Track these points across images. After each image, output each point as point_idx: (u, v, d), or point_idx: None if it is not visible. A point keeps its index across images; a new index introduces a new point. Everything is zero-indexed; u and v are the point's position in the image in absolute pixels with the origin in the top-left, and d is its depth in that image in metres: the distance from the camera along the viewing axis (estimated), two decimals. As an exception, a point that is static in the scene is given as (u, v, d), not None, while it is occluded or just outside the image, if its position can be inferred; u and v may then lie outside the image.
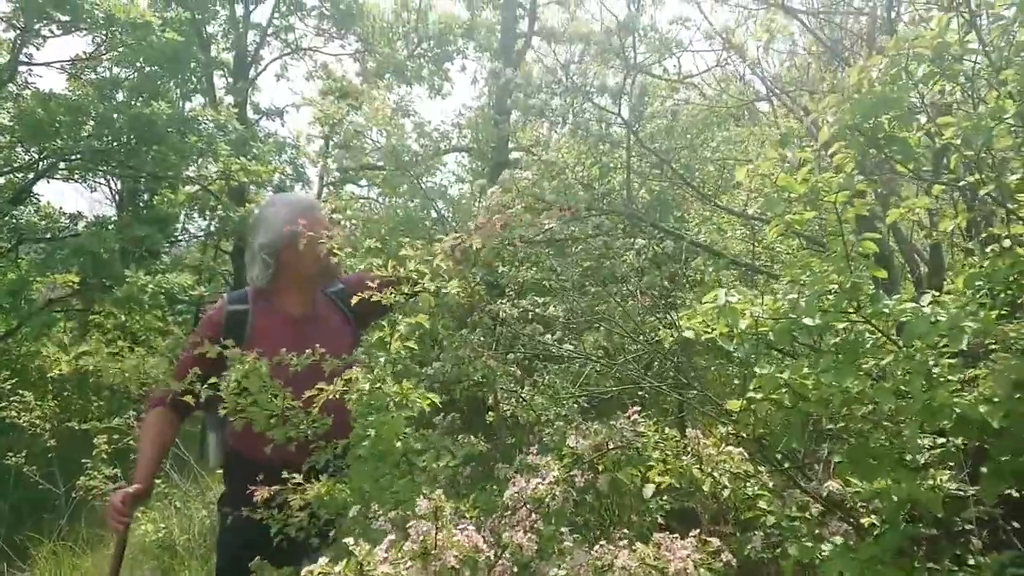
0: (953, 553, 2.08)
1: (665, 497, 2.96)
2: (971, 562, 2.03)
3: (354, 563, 1.27)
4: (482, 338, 2.61)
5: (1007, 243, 2.33)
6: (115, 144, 10.25)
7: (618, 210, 4.03)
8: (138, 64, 10.77)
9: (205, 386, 1.91)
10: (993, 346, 2.03)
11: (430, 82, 15.98)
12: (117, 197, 16.95)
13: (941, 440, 2.15)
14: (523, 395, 2.56)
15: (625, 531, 2.17)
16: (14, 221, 10.47)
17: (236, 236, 13.78)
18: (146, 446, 2.34)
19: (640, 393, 3.60)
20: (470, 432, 2.62)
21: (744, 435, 2.10)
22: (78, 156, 10.97)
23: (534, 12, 7.42)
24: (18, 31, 8.97)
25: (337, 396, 1.88)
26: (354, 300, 1.95)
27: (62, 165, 11.39)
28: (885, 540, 2.05)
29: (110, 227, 11.01)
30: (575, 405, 2.41)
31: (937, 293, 2.27)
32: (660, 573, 1.67)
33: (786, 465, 2.20)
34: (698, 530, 1.64)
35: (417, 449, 1.92)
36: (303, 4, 14.95)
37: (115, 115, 9.98)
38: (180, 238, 15.19)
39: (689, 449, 1.82)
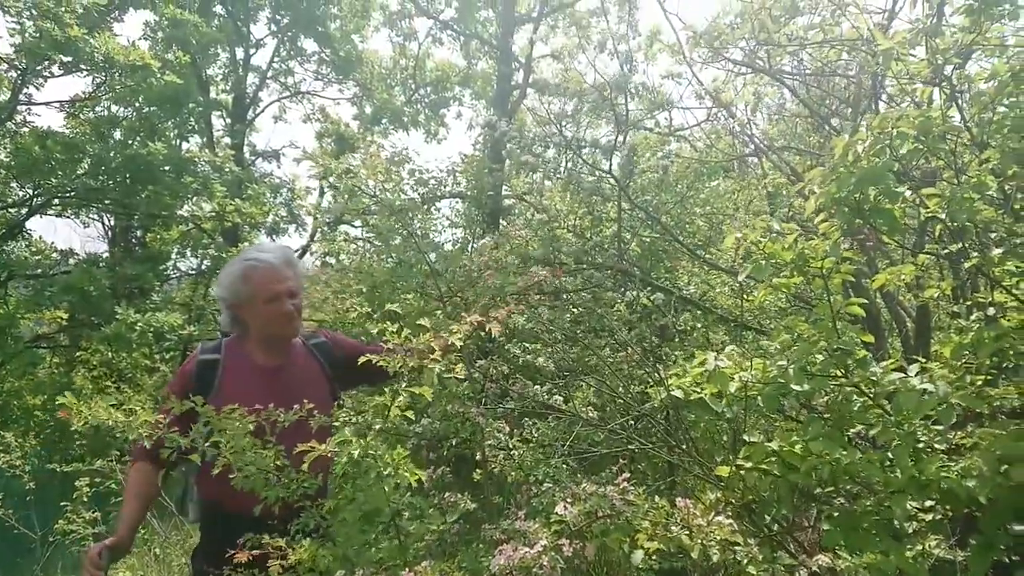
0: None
1: (655, 557, 2.93)
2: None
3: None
4: (469, 393, 2.61)
5: (991, 311, 2.37)
6: (110, 183, 10.30)
7: (608, 263, 4.07)
8: (137, 104, 10.89)
9: (181, 434, 1.88)
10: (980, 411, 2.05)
11: (427, 127, 16.22)
12: (110, 233, 16.95)
13: (929, 505, 2.15)
14: (511, 451, 2.54)
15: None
16: (4, 257, 10.43)
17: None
18: (129, 500, 2.28)
19: (631, 448, 3.58)
20: (457, 488, 2.60)
21: (733, 501, 2.09)
22: (72, 193, 11.01)
23: (529, 65, 7.57)
24: (19, 71, 9.08)
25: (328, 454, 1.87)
26: (361, 360, 1.94)
27: (56, 201, 11.42)
28: (876, 612, 2.03)
29: (101, 264, 10.98)
30: (564, 466, 2.39)
31: (924, 360, 2.30)
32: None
33: (775, 530, 2.19)
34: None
35: (404, 513, 1.90)
36: (303, 50, 15.23)
37: (111, 154, 10.05)
38: (171, 276, 15.14)
39: (679, 519, 1.80)
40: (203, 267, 14.64)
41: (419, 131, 16.39)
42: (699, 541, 1.95)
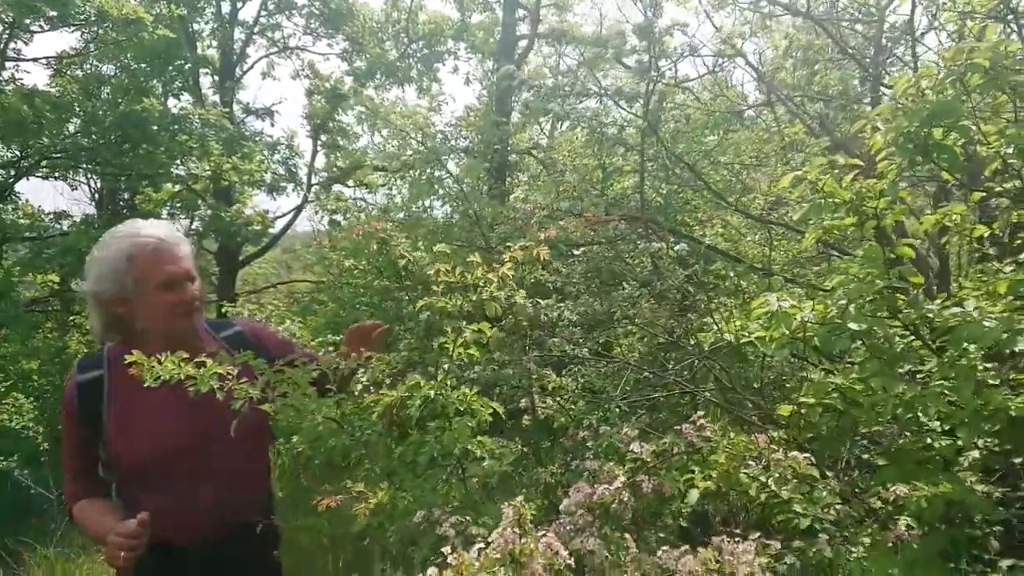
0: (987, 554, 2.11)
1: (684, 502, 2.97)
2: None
3: (453, 572, 1.25)
4: (518, 343, 2.60)
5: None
6: (102, 142, 10.06)
7: (635, 215, 4.04)
8: (125, 60, 10.59)
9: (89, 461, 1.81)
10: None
11: (419, 83, 15.92)
12: (97, 196, 16.66)
13: (984, 443, 2.18)
14: (561, 399, 2.55)
15: (659, 535, 2.18)
16: (-2, 219, 10.26)
17: (223, 235, 13.60)
18: (96, 519, 1.85)
19: (687, 392, 3.55)
20: (507, 435, 2.61)
21: (795, 439, 2.11)
22: (62, 154, 10.77)
23: (537, 14, 7.40)
24: (5, 25, 8.78)
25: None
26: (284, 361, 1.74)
27: (45, 163, 11.18)
28: (929, 542, 2.07)
29: (97, 226, 10.82)
30: (617, 409, 2.41)
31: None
32: (725, 578, 1.68)
33: (835, 470, 2.22)
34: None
35: (476, 456, 1.91)
36: (292, 2, 14.80)
37: (102, 112, 9.80)
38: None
39: (756, 454, 1.82)
40: (196, 228, 14.47)
41: (412, 87, 16.11)
42: (767, 478, 1.97)
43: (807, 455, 1.81)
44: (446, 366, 1.79)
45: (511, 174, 7.69)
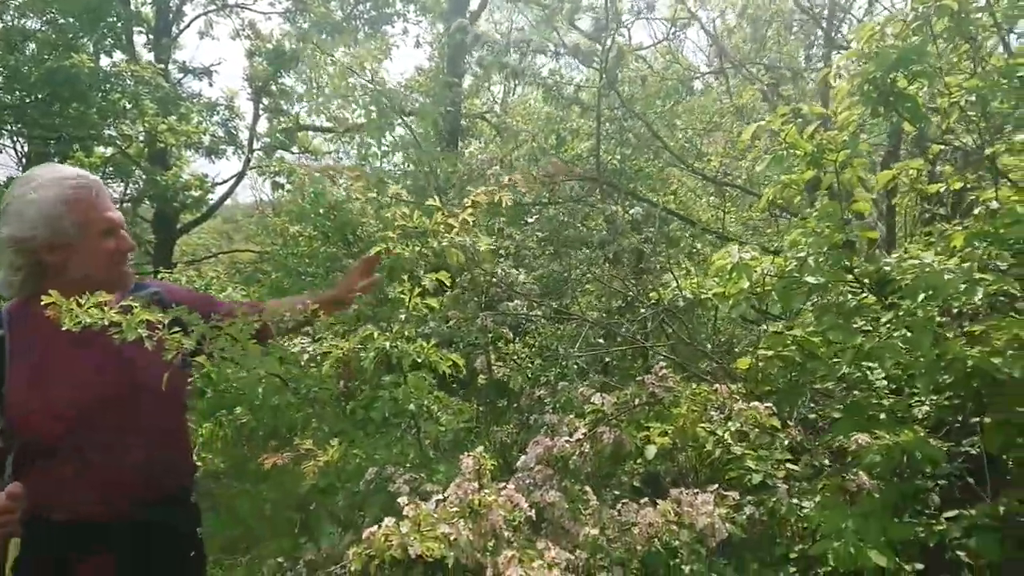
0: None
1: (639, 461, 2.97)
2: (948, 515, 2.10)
3: (410, 523, 1.17)
4: (475, 298, 2.52)
5: (994, 205, 2.40)
6: (28, 99, 9.45)
7: (591, 176, 3.98)
8: (52, 14, 9.93)
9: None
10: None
11: (366, 45, 15.44)
12: (24, 160, 15.74)
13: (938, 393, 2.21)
14: (517, 357, 2.48)
15: (615, 492, 2.15)
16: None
17: (159, 201, 13.03)
18: None
19: (645, 346, 3.53)
20: (462, 394, 2.54)
21: (753, 391, 2.10)
22: (-17, 112, 10.09)
23: (490, -28, 7.21)
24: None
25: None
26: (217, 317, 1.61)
27: (-36, 122, 10.46)
28: (883, 495, 2.09)
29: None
30: (575, 367, 2.36)
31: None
32: (686, 528, 1.65)
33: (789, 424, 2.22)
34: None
35: (430, 411, 1.83)
36: (232, -43, 14.11)
37: (28, 68, 9.18)
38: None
39: (719, 404, 1.79)
40: (130, 194, 13.83)
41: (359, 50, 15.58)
42: (724, 432, 1.95)
43: (768, 405, 1.79)
44: (403, 316, 1.69)
45: (464, 139, 7.53)
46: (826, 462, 2.16)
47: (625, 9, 5.39)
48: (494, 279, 2.55)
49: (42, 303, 1.42)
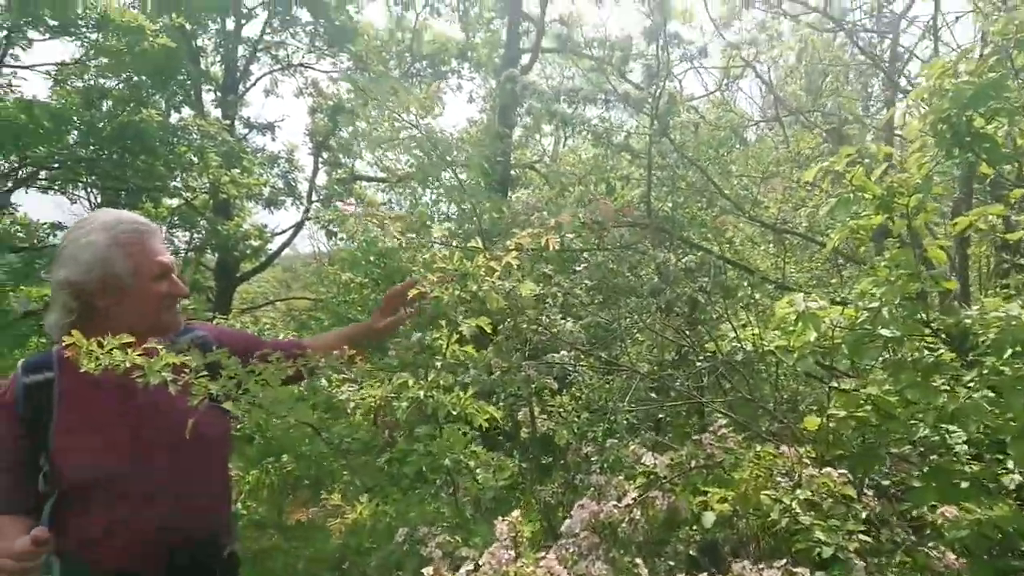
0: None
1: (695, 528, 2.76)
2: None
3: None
4: (518, 347, 2.40)
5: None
6: (101, 153, 9.94)
7: (642, 222, 3.87)
8: (127, 73, 10.52)
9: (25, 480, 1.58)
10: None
11: (426, 105, 15.83)
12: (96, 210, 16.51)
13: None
14: (563, 410, 2.34)
15: (668, 563, 1.96)
16: (-11, 230, 10.10)
17: (221, 250, 13.46)
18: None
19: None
20: (505, 448, 2.41)
21: (823, 456, 1.91)
22: (60, 165, 10.64)
23: (542, 27, 7.31)
24: (5, 31, 8.70)
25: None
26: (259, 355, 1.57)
27: (43, 174, 11.05)
28: (977, 573, 1.86)
29: (92, 238, 10.62)
30: (624, 422, 2.20)
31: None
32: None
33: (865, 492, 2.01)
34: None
35: (468, 467, 1.70)
36: (297, 19, 14.81)
37: (102, 123, 9.69)
38: (162, 252, 14.77)
39: (786, 470, 1.61)
40: (195, 242, 14.32)
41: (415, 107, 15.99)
42: (791, 500, 1.76)
43: (842, 472, 1.60)
44: (438, 364, 1.59)
45: (514, 188, 7.53)
46: (906, 536, 1.94)
47: (677, 57, 5.36)
48: (539, 327, 2.44)
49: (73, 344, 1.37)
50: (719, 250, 4.19)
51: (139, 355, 1.40)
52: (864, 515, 1.66)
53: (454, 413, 1.55)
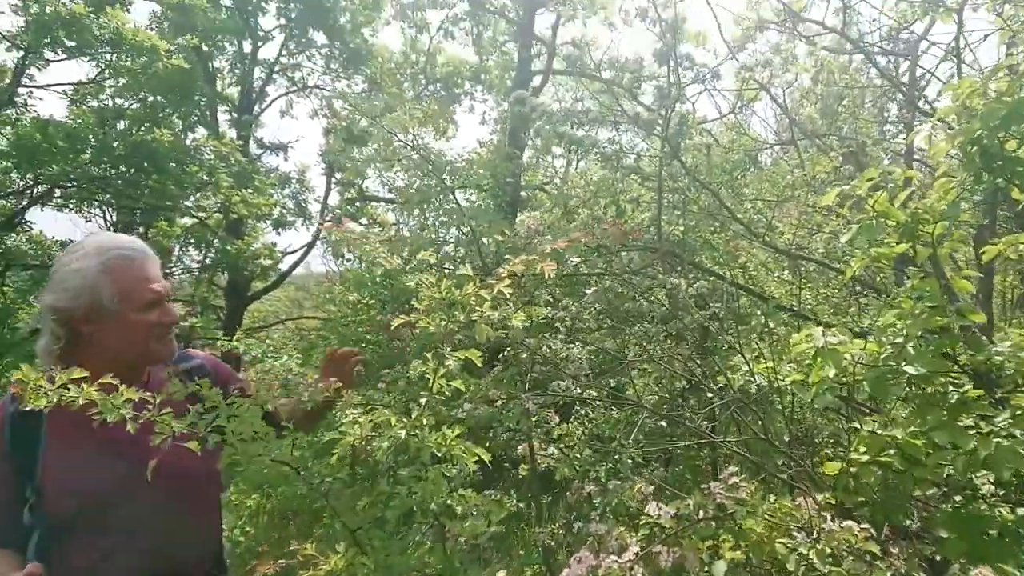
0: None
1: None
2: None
3: None
4: (516, 378, 2.27)
5: None
6: (113, 171, 9.99)
7: (652, 245, 3.74)
8: (142, 93, 10.61)
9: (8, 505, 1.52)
10: None
11: (435, 124, 15.87)
12: (112, 229, 16.64)
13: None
14: (565, 447, 2.21)
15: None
16: (2, 247, 10.14)
17: (231, 270, 13.48)
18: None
19: (713, 441, 3.23)
20: (500, 486, 2.27)
21: (842, 503, 1.76)
22: (74, 183, 10.71)
23: (553, 49, 7.26)
24: (22, 51, 8.78)
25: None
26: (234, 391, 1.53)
27: (58, 192, 11.12)
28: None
29: (103, 257, 10.63)
30: (629, 460, 2.06)
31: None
32: None
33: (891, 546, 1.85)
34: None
35: (455, 512, 1.57)
36: (313, 41, 14.93)
37: (115, 143, 9.75)
38: (173, 271, 14.84)
39: (803, 523, 1.47)
40: (207, 261, 14.34)
41: (428, 128, 16.04)
42: (809, 549, 1.61)
43: (864, 526, 1.46)
44: (423, 400, 1.47)
45: (523, 210, 7.45)
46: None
47: (689, 79, 5.27)
48: (539, 356, 2.31)
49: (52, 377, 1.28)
50: (731, 276, 4.05)
51: (96, 390, 1.29)
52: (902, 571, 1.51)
53: (439, 455, 1.42)
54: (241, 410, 1.57)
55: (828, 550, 1.38)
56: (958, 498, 1.99)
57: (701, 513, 1.44)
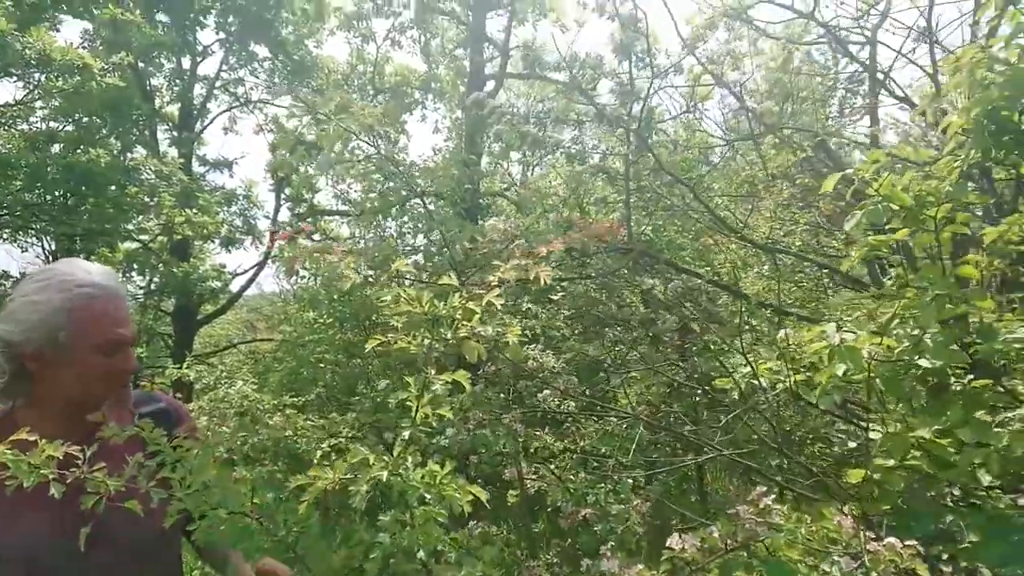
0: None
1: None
2: None
3: None
4: (501, 396, 2.08)
5: None
6: (48, 197, 9.45)
7: (624, 247, 3.59)
8: (76, 116, 10.09)
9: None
10: None
11: (393, 124, 15.58)
12: (51, 258, 15.86)
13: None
14: (557, 467, 2.01)
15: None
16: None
17: (178, 294, 12.93)
18: None
19: (724, 455, 3.07)
20: (489, 516, 2.07)
21: (866, 514, 1.61)
22: (7, 212, 10.12)
23: (506, 52, 7.11)
24: (-62, 74, 8.24)
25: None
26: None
27: (-10, 223, 10.49)
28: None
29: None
30: (629, 481, 1.88)
31: None
32: None
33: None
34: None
35: (448, 561, 1.36)
36: (255, 55, 14.51)
37: (48, 166, 9.22)
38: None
39: (844, 543, 1.30)
40: (152, 286, 13.76)
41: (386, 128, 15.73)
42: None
43: (910, 543, 1.30)
44: (406, 434, 1.26)
45: (483, 217, 7.27)
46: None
47: (647, 75, 5.16)
48: (524, 370, 2.12)
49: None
50: (708, 273, 3.93)
51: (8, 450, 1.06)
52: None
53: (427, 497, 1.21)
54: (190, 455, 1.34)
55: (875, 575, 1.22)
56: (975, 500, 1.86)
57: (728, 542, 1.26)
